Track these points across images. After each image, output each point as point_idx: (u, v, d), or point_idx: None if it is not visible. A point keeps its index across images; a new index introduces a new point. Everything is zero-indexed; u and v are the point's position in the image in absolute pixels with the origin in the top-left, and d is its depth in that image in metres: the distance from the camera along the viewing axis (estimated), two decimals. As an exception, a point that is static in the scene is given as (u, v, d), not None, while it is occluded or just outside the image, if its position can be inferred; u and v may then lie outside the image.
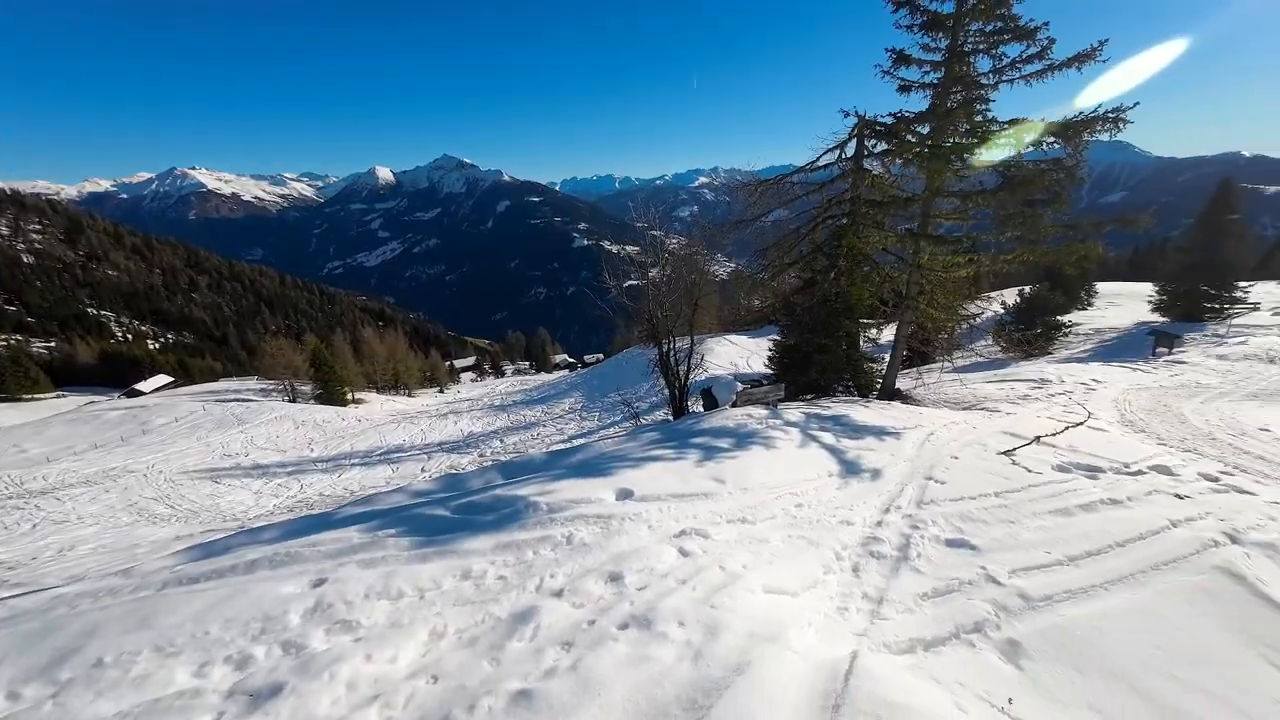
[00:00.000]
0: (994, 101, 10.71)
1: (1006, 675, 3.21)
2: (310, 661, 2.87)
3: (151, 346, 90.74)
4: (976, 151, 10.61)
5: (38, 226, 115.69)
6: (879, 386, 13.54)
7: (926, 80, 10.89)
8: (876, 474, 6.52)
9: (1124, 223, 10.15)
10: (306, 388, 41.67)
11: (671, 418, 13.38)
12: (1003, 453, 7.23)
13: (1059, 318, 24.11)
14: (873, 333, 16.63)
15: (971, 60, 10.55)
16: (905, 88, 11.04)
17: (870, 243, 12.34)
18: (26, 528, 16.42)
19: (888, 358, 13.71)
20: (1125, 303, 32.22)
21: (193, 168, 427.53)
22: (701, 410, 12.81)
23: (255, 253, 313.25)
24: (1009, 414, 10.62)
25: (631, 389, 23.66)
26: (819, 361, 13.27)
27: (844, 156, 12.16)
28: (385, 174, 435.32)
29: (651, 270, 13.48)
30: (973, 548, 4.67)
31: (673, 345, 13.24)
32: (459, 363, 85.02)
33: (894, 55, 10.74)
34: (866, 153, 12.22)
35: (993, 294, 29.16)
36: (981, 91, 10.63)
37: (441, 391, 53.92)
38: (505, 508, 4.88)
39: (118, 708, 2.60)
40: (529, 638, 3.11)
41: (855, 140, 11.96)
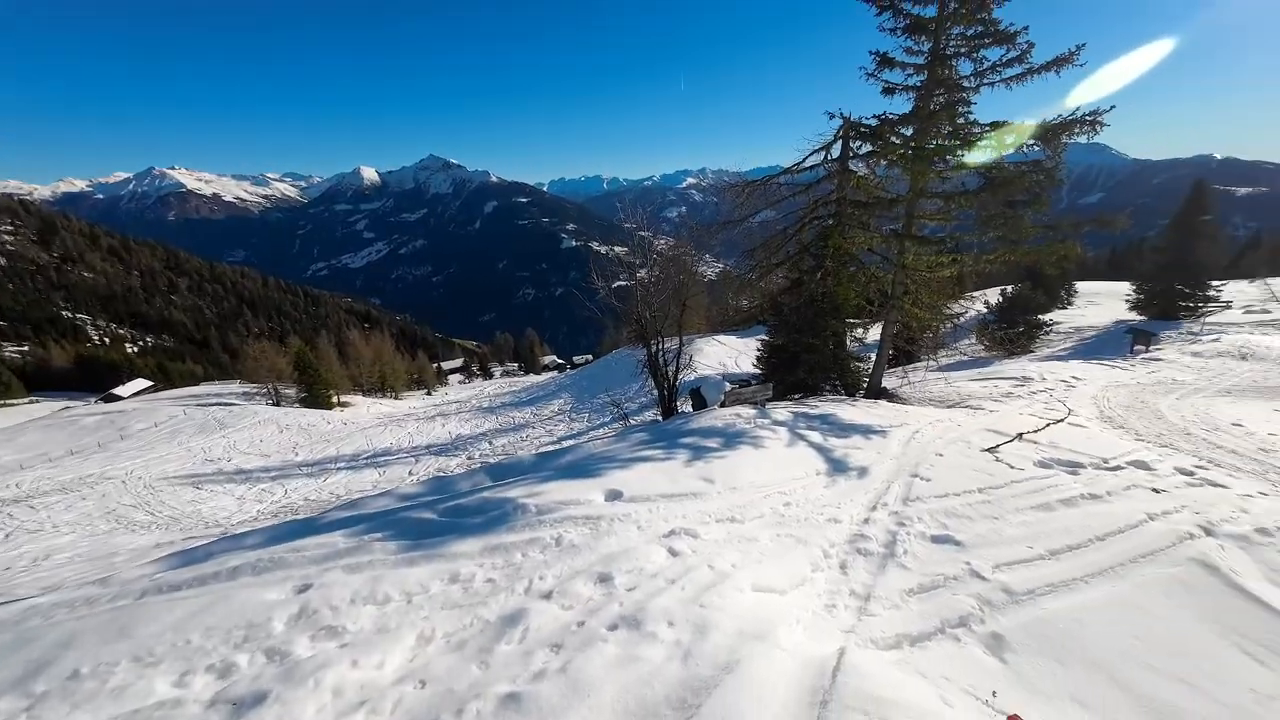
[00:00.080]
0: (975, 104, 10.90)
1: (991, 668, 3.26)
2: (295, 669, 2.82)
3: (130, 350, 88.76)
4: (959, 153, 10.79)
5: (9, 228, 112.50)
6: (865, 385, 13.68)
7: (910, 83, 11.03)
8: (863, 472, 6.59)
9: (1102, 223, 10.40)
10: (290, 391, 41.09)
11: (660, 418, 13.39)
12: (986, 450, 7.35)
13: (1040, 316, 24.62)
14: (859, 332, 16.81)
15: (953, 63, 10.71)
16: (889, 90, 11.18)
17: (856, 243, 12.47)
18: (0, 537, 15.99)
19: (874, 357, 13.85)
20: (1104, 301, 32.92)
21: (172, 167, 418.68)
22: (690, 410, 12.83)
23: (237, 254, 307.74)
24: (992, 411, 10.79)
25: (620, 390, 23.66)
26: (806, 361, 13.39)
27: (830, 158, 12.29)
28: (370, 174, 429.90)
29: (640, 271, 13.48)
30: (957, 543, 4.74)
31: (661, 346, 13.24)
32: (446, 364, 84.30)
33: (878, 58, 10.88)
34: (852, 154, 12.36)
35: (976, 293, 29.67)
36: (963, 94, 10.80)
37: (429, 394, 53.43)
38: (494, 510, 4.85)
39: (95, 720, 2.54)
40: (518, 640, 3.09)
41: (841, 142, 12.09)
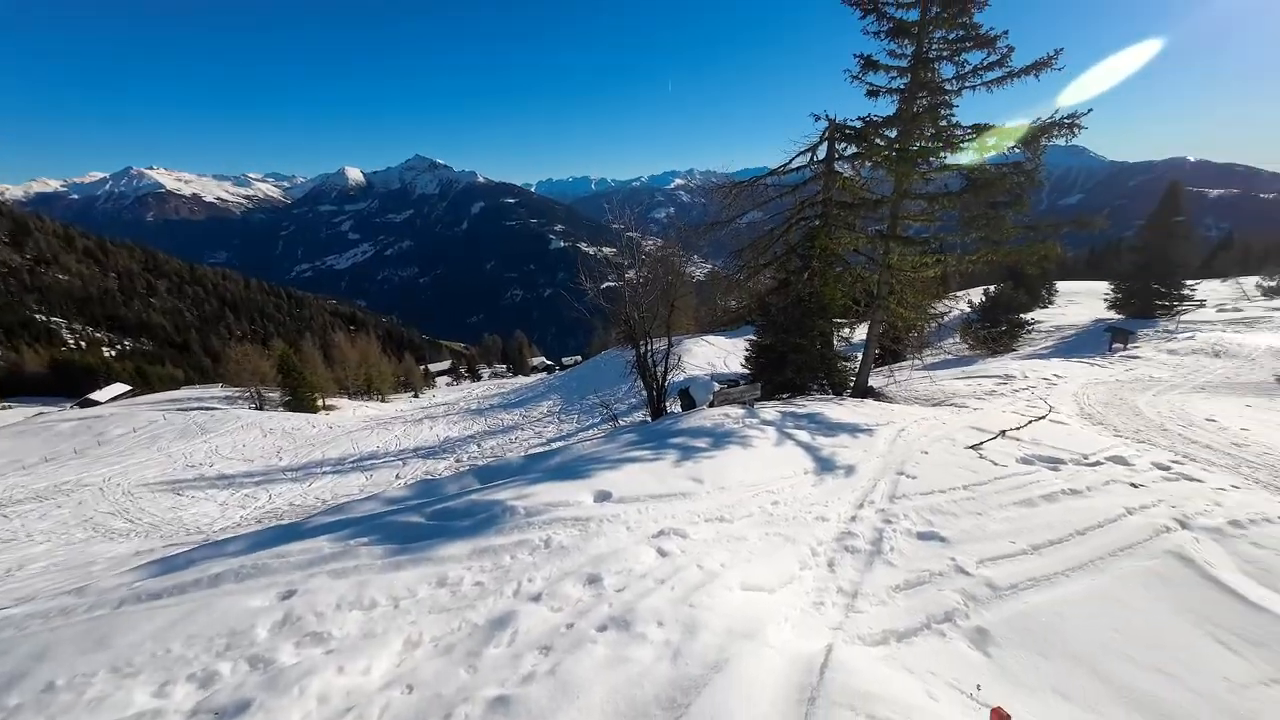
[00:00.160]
0: (958, 107, 11.08)
1: (975, 663, 3.31)
2: (279, 676, 2.78)
3: (107, 354, 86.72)
4: (942, 155, 10.97)
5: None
6: (852, 384, 13.81)
7: (893, 85, 11.18)
8: (850, 470, 6.65)
9: (1080, 224, 10.63)
10: (274, 394, 40.42)
11: (649, 419, 13.41)
12: (970, 447, 7.46)
13: (1022, 315, 25.05)
14: (846, 332, 16.96)
15: (936, 66, 10.87)
16: (873, 92, 11.32)
17: (842, 243, 12.61)
18: (-30, 547, 15.49)
19: (860, 356, 14.00)
20: (1083, 300, 33.56)
21: (150, 167, 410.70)
22: (679, 410, 12.86)
23: (218, 255, 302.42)
24: (976, 409, 10.96)
25: (609, 391, 23.63)
26: (794, 361, 13.48)
27: (815, 159, 12.39)
28: (355, 175, 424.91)
29: (628, 272, 13.49)
30: (943, 540, 4.80)
31: (650, 346, 13.27)
32: (434, 366, 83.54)
33: (862, 61, 11.00)
34: (837, 156, 12.49)
35: (959, 293, 30.15)
36: (946, 97, 10.97)
37: (416, 396, 52.89)
38: (482, 513, 4.81)
39: (71, 733, 2.48)
40: (507, 643, 3.08)
41: (826, 143, 12.20)
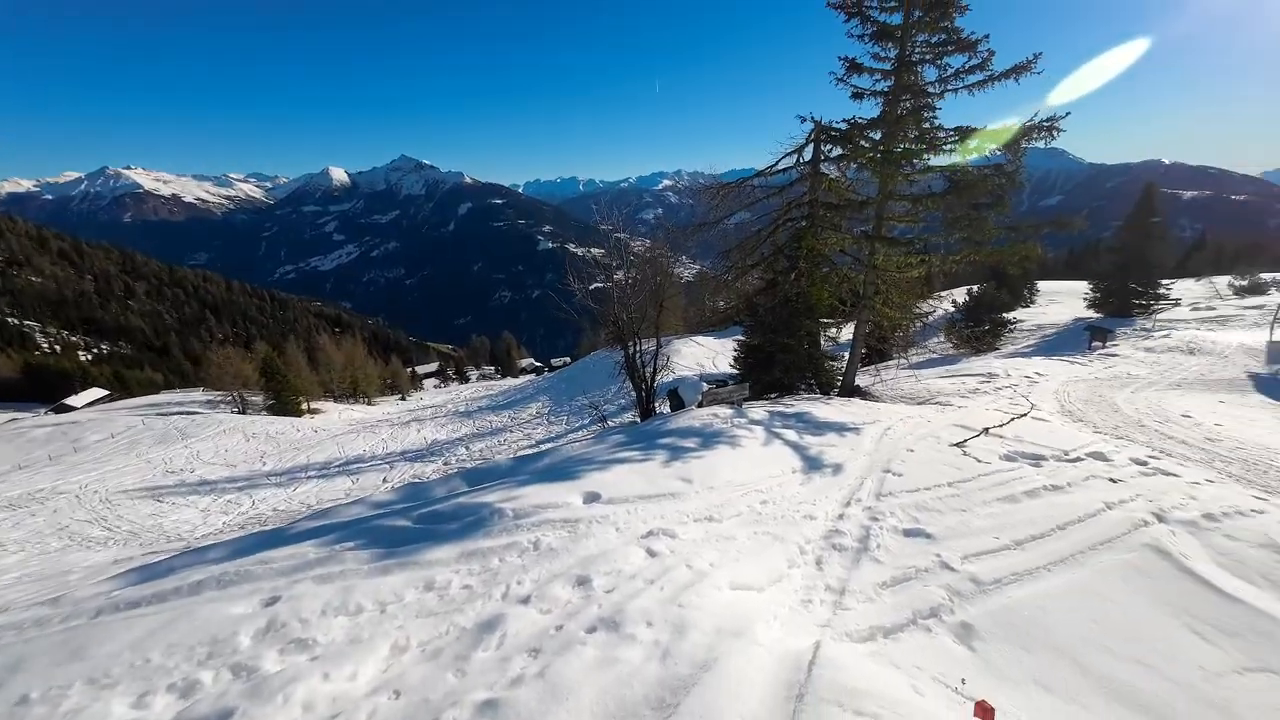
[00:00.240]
0: (941, 109, 11.25)
1: (960, 657, 3.36)
2: (262, 684, 2.74)
3: (83, 358, 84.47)
4: (925, 157, 11.12)
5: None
6: (839, 384, 13.94)
7: (878, 88, 11.32)
8: (838, 469, 6.71)
9: (1060, 225, 10.85)
10: (258, 398, 39.71)
11: (639, 419, 13.40)
12: (955, 444, 7.57)
13: (1004, 315, 25.50)
14: (833, 332, 17.10)
15: (919, 69, 11.03)
16: (858, 95, 11.45)
17: (828, 244, 12.73)
18: (-61, 558, 15.01)
19: (847, 356, 14.13)
20: (1064, 300, 34.22)
21: (127, 167, 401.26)
22: (668, 411, 12.89)
23: (199, 257, 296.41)
24: (960, 407, 11.12)
25: (599, 392, 23.57)
26: (782, 361, 13.57)
27: (802, 161, 12.50)
28: (340, 175, 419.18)
29: (617, 273, 13.47)
30: (928, 536, 4.87)
31: (639, 347, 13.26)
32: (421, 369, 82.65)
33: (847, 63, 11.13)
34: (823, 157, 12.61)
35: (943, 293, 30.58)
36: (929, 100, 11.13)
37: (403, 399, 52.33)
38: (470, 516, 4.78)
39: (46, 746, 2.42)
40: (495, 647, 3.06)
41: (812, 145, 12.31)
